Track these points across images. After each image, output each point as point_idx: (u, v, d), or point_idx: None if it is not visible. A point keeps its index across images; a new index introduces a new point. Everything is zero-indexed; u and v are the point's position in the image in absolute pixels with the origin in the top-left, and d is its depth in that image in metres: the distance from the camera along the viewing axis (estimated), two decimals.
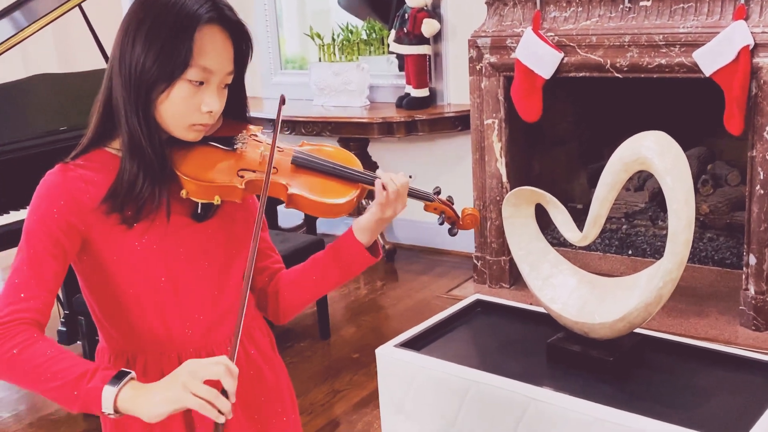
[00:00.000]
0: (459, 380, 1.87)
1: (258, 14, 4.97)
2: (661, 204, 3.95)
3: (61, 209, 1.28)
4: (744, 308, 3.35)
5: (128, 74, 1.28)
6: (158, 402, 1.15)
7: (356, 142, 4.50)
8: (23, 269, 1.27)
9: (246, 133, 1.41)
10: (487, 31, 3.75)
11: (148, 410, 1.15)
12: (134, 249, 1.32)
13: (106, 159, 1.34)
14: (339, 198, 1.40)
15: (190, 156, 1.35)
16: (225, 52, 1.31)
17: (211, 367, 1.16)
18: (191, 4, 1.28)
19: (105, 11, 4.71)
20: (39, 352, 1.21)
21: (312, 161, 1.42)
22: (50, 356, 1.21)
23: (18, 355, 1.21)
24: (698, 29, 3.24)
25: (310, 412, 2.96)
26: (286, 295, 1.51)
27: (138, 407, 1.16)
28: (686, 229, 1.70)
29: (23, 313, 1.24)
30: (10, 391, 3.30)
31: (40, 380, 1.20)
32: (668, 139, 1.76)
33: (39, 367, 1.20)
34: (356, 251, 1.45)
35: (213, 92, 1.31)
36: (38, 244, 1.28)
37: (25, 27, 3.41)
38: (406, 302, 3.97)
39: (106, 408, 1.16)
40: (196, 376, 1.15)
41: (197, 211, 1.37)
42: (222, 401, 1.14)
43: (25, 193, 3.15)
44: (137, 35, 1.27)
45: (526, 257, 1.99)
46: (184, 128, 1.32)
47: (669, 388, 1.79)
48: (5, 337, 1.21)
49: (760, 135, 3.17)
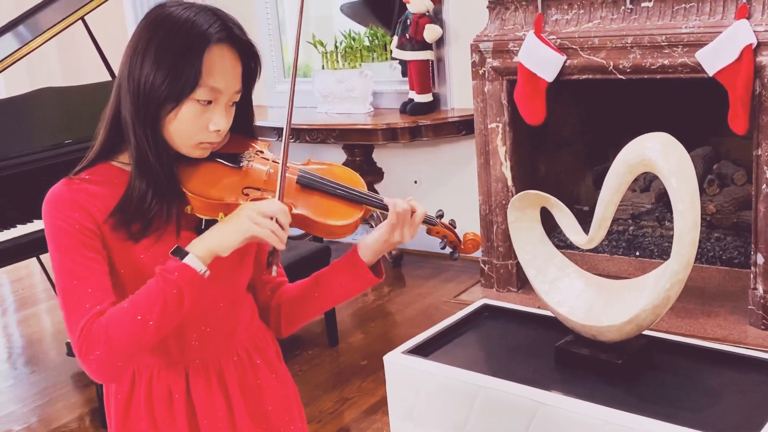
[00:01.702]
0: (467, 386, 1.87)
1: (261, 22, 4.99)
2: (667, 204, 3.94)
3: (78, 218, 1.28)
4: (753, 308, 3.33)
5: (137, 92, 1.28)
6: (230, 234, 1.27)
7: (361, 148, 4.50)
8: (72, 286, 1.26)
9: (252, 150, 1.42)
10: (489, 35, 3.76)
11: (225, 243, 1.27)
12: (141, 262, 1.32)
13: (112, 172, 1.35)
14: (343, 220, 1.40)
15: (197, 173, 1.35)
16: (233, 72, 1.31)
17: (269, 203, 1.29)
18: (201, 24, 1.28)
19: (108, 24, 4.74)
20: (117, 313, 1.23)
21: (317, 182, 1.42)
22: (128, 304, 1.23)
23: (110, 337, 1.21)
24: (700, 29, 3.24)
25: (319, 420, 2.96)
26: (288, 310, 1.52)
27: (215, 245, 1.27)
28: (692, 230, 1.70)
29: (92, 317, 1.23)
30: (22, 404, 3.31)
31: (144, 322, 1.22)
32: (672, 140, 1.76)
33: (131, 318, 1.22)
34: (359, 271, 1.46)
35: (221, 111, 1.31)
36: (73, 255, 1.27)
37: (30, 41, 3.43)
38: (413, 308, 3.97)
39: (200, 268, 1.26)
40: (259, 211, 1.27)
41: (201, 227, 1.38)
42: (281, 231, 1.28)
43: (32, 207, 3.20)
44: (146, 53, 1.27)
45: (533, 261, 1.99)
46: (191, 146, 1.33)
47: (678, 389, 1.78)
48: (93, 338, 1.22)
49: (765, 134, 3.16)
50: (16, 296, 4.73)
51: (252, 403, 1.45)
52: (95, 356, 1.21)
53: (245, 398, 1.44)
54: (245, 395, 1.44)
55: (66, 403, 3.28)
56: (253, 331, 1.48)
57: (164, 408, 1.39)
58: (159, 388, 1.39)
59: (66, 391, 3.39)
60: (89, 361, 1.22)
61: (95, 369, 1.23)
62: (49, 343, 3.97)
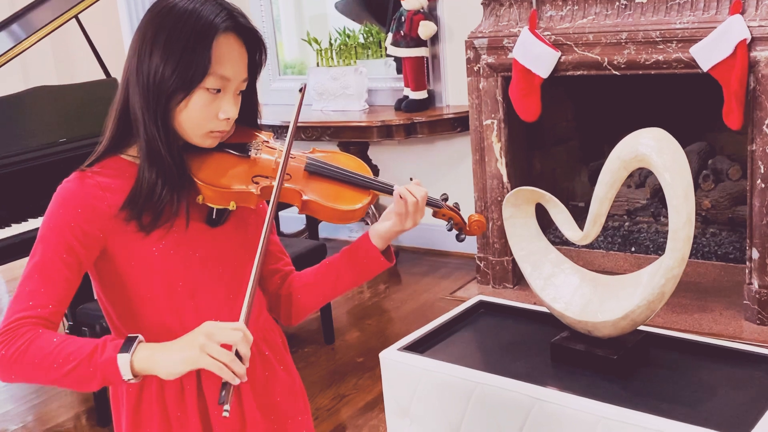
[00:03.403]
0: (463, 382, 1.87)
1: (256, 20, 4.95)
2: (662, 200, 3.94)
3: (78, 219, 1.29)
4: (748, 302, 3.34)
5: (146, 84, 1.29)
6: (176, 361, 1.20)
7: (356, 145, 4.50)
8: (33, 277, 1.27)
9: (258, 139, 1.44)
10: (484, 31, 3.76)
11: (167, 369, 1.20)
12: (152, 254, 1.33)
13: (122, 166, 1.36)
14: (352, 204, 1.44)
15: (206, 162, 1.37)
16: (241, 60, 1.34)
17: (228, 331, 1.21)
18: (207, 14, 1.29)
19: (102, 22, 4.73)
20: (46, 342, 1.22)
21: (325, 168, 1.46)
22: (58, 343, 1.22)
23: (25, 351, 1.21)
24: (695, 24, 3.24)
25: (316, 417, 2.96)
26: (300, 297, 1.54)
27: (156, 366, 1.21)
28: (687, 225, 1.70)
29: (29, 318, 1.24)
30: (18, 404, 3.31)
31: (53, 367, 1.21)
32: (666, 135, 1.76)
33: (49, 356, 1.21)
34: (372, 255, 1.49)
35: (230, 99, 1.33)
36: (51, 252, 1.28)
37: (24, 39, 3.43)
38: (409, 305, 3.97)
39: (125, 374, 1.20)
40: (213, 339, 1.19)
41: (212, 217, 1.40)
42: (238, 365, 1.19)
43: (27, 206, 3.19)
44: (154, 46, 1.29)
45: (528, 257, 1.99)
46: (201, 136, 1.34)
47: (674, 384, 1.79)
48: (12, 339, 1.22)
49: (759, 129, 3.17)
50: (12, 296, 4.71)
51: (261, 395, 1.46)
52: (2, 354, 1.22)
53: (255, 390, 1.45)
54: (255, 387, 1.45)
55: (62, 402, 3.28)
56: (262, 323, 1.50)
57: (176, 401, 1.40)
58: (171, 382, 1.39)
59: (62, 390, 3.38)
60: None
61: None
62: None
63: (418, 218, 1.47)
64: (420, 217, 1.47)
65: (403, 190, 1.46)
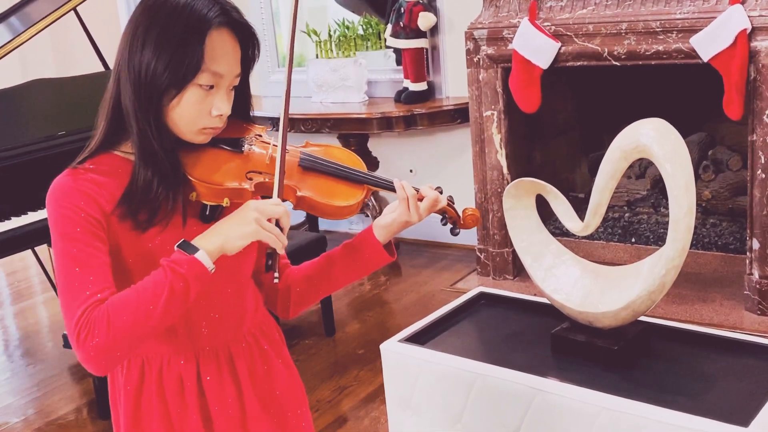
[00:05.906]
0: (464, 373, 1.87)
1: (254, 12, 4.96)
2: (663, 191, 3.94)
3: (84, 208, 1.27)
4: (748, 293, 3.34)
5: (138, 80, 1.27)
6: (237, 237, 1.26)
7: (356, 137, 4.49)
8: (74, 272, 1.23)
9: (252, 134, 1.43)
10: (484, 22, 3.74)
11: (232, 245, 1.27)
12: (149, 251, 1.32)
13: (115, 162, 1.34)
14: (347, 200, 1.42)
15: (200, 159, 1.36)
16: (234, 55, 1.32)
17: (273, 207, 1.30)
18: (200, 8, 1.27)
19: (101, 15, 4.72)
20: (121, 302, 1.21)
21: (319, 163, 1.44)
22: (130, 294, 1.21)
23: (112, 324, 1.19)
24: (695, 14, 3.23)
25: (317, 410, 2.97)
26: (299, 290, 1.53)
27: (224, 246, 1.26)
28: (687, 216, 1.70)
29: (92, 305, 1.21)
30: (18, 396, 3.31)
31: (149, 310, 1.20)
32: (667, 125, 1.75)
33: (138, 306, 1.20)
34: (375, 249, 1.49)
35: (223, 96, 1.32)
36: (79, 244, 1.25)
37: (22, 32, 3.42)
38: (410, 297, 3.98)
39: (209, 266, 1.25)
40: (264, 214, 1.27)
41: (205, 213, 1.38)
42: (283, 236, 1.30)
43: (26, 199, 3.19)
44: (146, 41, 1.26)
45: (528, 248, 1.99)
46: (194, 132, 1.33)
47: (675, 375, 1.79)
48: (92, 327, 1.19)
49: (759, 119, 3.16)
50: (12, 289, 4.72)
51: (261, 388, 1.46)
52: (94, 343, 1.19)
53: (255, 384, 1.45)
54: (255, 381, 1.45)
55: (63, 395, 3.29)
56: (260, 317, 1.50)
57: (176, 396, 1.40)
58: (170, 376, 1.39)
59: (63, 383, 3.39)
60: (87, 348, 1.19)
61: (93, 357, 1.19)
62: (46, 336, 3.97)
63: (424, 214, 1.47)
64: (424, 213, 1.47)
65: (408, 189, 1.46)
